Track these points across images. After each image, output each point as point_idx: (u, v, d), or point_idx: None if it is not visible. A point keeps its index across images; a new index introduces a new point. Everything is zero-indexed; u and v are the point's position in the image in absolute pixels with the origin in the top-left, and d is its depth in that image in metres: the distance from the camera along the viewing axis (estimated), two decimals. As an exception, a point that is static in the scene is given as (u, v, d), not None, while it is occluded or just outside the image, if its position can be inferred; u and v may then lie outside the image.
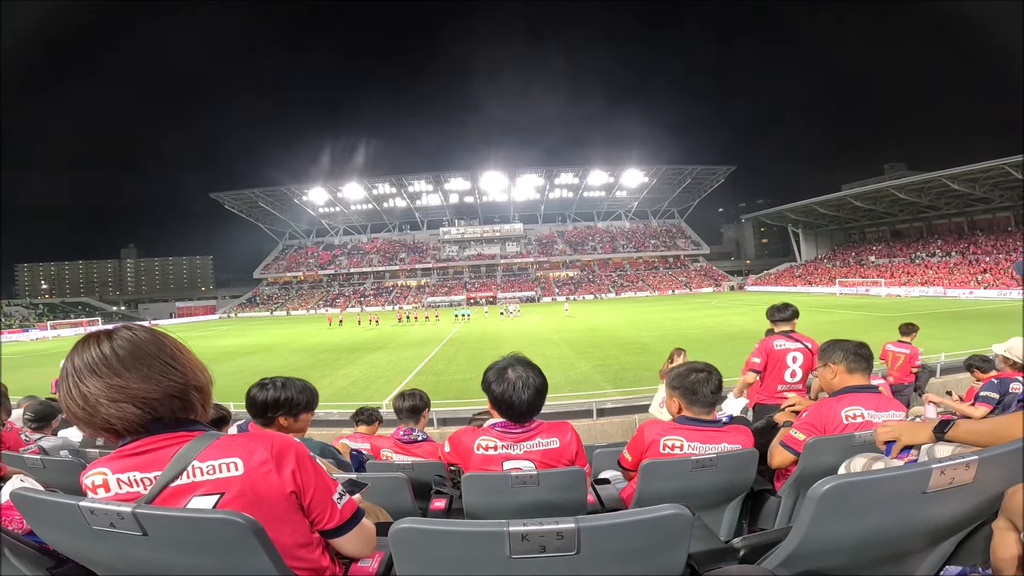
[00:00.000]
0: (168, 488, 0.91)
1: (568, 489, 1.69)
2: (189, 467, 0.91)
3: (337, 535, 1.04)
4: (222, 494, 0.90)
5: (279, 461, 0.93)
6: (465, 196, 73.20)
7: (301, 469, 0.96)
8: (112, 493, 0.93)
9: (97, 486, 0.94)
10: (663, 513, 0.88)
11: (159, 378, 0.92)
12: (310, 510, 0.99)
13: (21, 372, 19.13)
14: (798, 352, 3.61)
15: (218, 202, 67.10)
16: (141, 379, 0.90)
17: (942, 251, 46.22)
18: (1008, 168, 34.49)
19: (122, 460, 0.94)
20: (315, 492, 0.98)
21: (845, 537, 1.08)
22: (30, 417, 3.33)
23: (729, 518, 2.03)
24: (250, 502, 0.91)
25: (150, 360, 0.92)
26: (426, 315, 39.79)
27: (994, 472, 1.07)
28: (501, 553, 0.84)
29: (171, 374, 0.93)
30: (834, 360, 2.13)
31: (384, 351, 20.50)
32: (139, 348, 0.92)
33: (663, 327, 23.72)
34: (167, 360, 0.94)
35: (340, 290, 69.44)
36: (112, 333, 0.94)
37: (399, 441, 2.76)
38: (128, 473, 0.93)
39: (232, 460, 0.91)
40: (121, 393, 0.88)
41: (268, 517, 0.91)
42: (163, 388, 0.92)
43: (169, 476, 0.91)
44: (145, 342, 0.94)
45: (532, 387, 1.73)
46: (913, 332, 6.37)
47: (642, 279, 67.43)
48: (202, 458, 0.91)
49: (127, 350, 0.91)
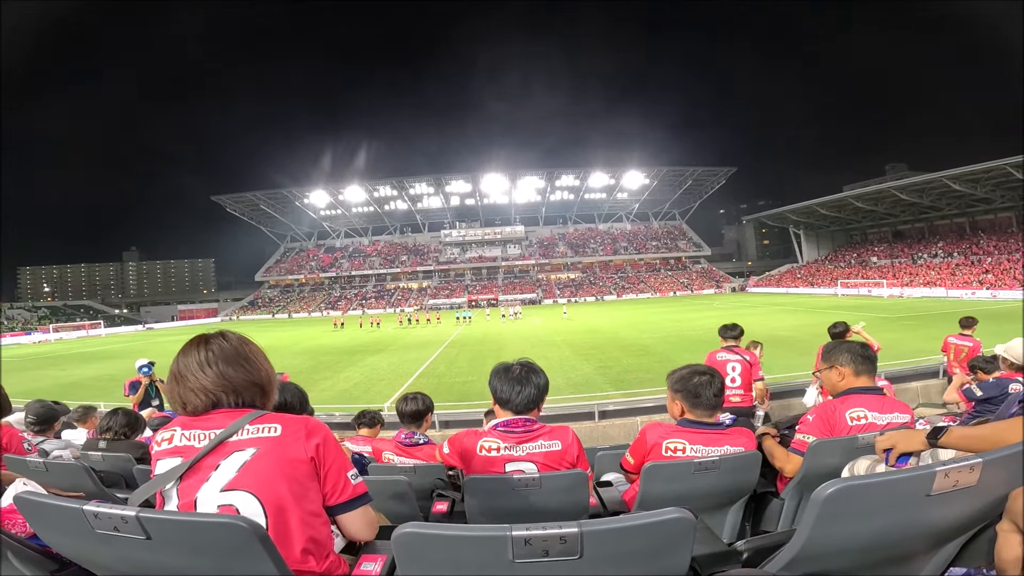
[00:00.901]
0: (223, 444, 1.09)
1: (570, 492, 1.69)
2: (242, 428, 1.10)
3: (345, 510, 1.17)
4: (258, 449, 1.08)
5: (310, 433, 1.12)
6: (466, 198, 73.21)
7: (325, 444, 1.14)
8: (173, 445, 1.12)
9: (163, 439, 1.14)
10: (666, 517, 0.88)
11: (232, 377, 1.16)
12: (325, 480, 1.14)
13: (23, 375, 19.18)
14: (737, 363, 4.64)
15: (219, 205, 67.21)
16: (217, 376, 1.15)
17: (944, 252, 46.10)
18: (1009, 168, 34.39)
19: (193, 423, 1.14)
20: (333, 465, 1.15)
21: (849, 540, 1.08)
22: (32, 420, 3.32)
23: (732, 521, 2.02)
24: (278, 460, 1.07)
25: (231, 363, 1.17)
26: (427, 317, 39.81)
27: (998, 474, 1.07)
28: (504, 557, 0.85)
29: (242, 374, 1.17)
30: (841, 362, 2.12)
31: (385, 353, 20.48)
32: (225, 353, 1.17)
33: (665, 329, 23.68)
34: (242, 364, 1.19)
35: (341, 292, 69.48)
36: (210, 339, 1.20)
37: (400, 444, 2.75)
38: (193, 430, 1.12)
39: (274, 425, 1.11)
40: (199, 384, 1.14)
41: (289, 477, 1.07)
42: (233, 384, 1.16)
43: (225, 434, 1.09)
44: (231, 348, 1.19)
45: (533, 382, 1.85)
46: (973, 325, 6.46)
47: (643, 281, 67.37)
48: (252, 423, 1.12)
49: (216, 354, 1.16)
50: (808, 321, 23.22)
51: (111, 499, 2.30)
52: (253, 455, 1.07)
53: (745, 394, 4.67)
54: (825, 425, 1.99)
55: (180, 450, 1.10)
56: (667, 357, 14.81)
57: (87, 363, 22.81)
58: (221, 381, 1.14)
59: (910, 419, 2.01)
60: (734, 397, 4.61)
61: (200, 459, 1.07)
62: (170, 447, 1.12)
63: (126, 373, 20.18)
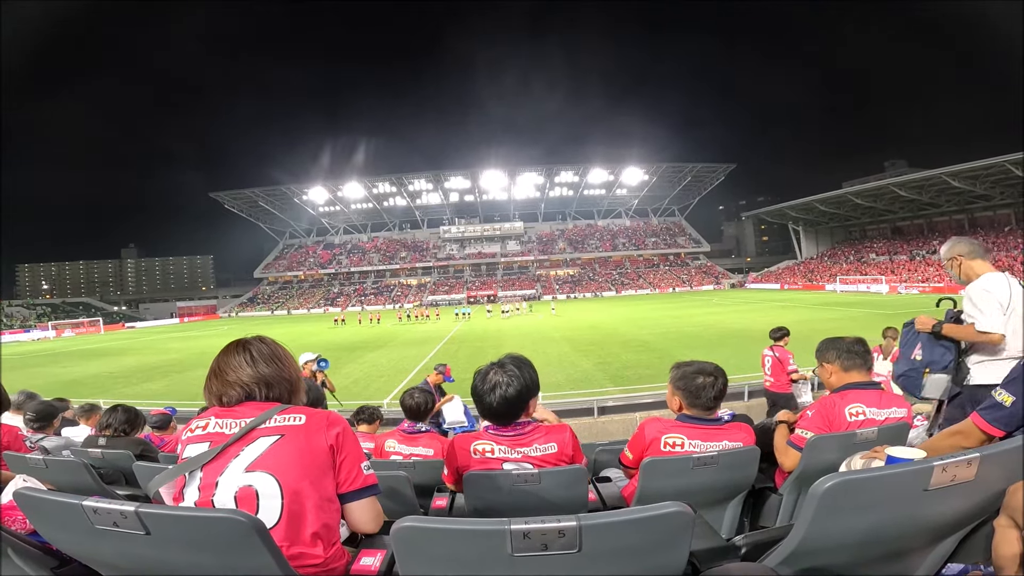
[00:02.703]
0: (252, 431, 1.15)
1: (569, 487, 1.69)
2: (271, 418, 1.18)
3: (355, 498, 1.23)
4: (282, 435, 1.15)
5: (331, 424, 1.21)
6: (465, 195, 73.06)
7: (345, 434, 1.22)
8: (207, 432, 1.19)
9: (198, 427, 1.21)
10: (664, 511, 0.88)
11: (266, 374, 1.27)
12: (341, 468, 1.20)
13: (22, 372, 19.18)
14: (769, 357, 6.32)
15: (218, 202, 67.08)
16: (255, 373, 1.26)
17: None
18: (1008, 165, 34.39)
19: (227, 413, 1.22)
20: (349, 455, 1.22)
21: (846, 535, 1.08)
22: (31, 417, 3.32)
23: (731, 516, 2.03)
24: (300, 446, 1.15)
25: (265, 362, 1.28)
26: (427, 314, 39.75)
27: (996, 469, 1.07)
28: (503, 551, 0.85)
29: (274, 372, 1.28)
30: (828, 359, 2.14)
31: (385, 350, 20.49)
32: (261, 354, 1.29)
33: (664, 325, 23.70)
34: (274, 363, 1.30)
35: (341, 289, 69.44)
36: (248, 343, 1.31)
37: (403, 432, 2.90)
38: (226, 419, 1.20)
39: (299, 415, 1.20)
40: (237, 377, 1.25)
41: (311, 463, 1.15)
42: (266, 379, 1.26)
43: (256, 422, 1.16)
44: (266, 349, 1.31)
45: (502, 395, 1.68)
46: None
47: (642, 277, 67.37)
48: (280, 413, 1.19)
49: (253, 356, 1.28)
50: (806, 317, 23.25)
51: (111, 495, 2.30)
52: (277, 440, 1.14)
53: (775, 381, 6.21)
54: (824, 420, 2.00)
55: (211, 436, 1.17)
56: (666, 353, 14.83)
57: (87, 360, 22.79)
58: (256, 375, 1.25)
59: (907, 413, 2.02)
60: (766, 382, 6.36)
61: (230, 445, 1.14)
62: (203, 433, 1.19)
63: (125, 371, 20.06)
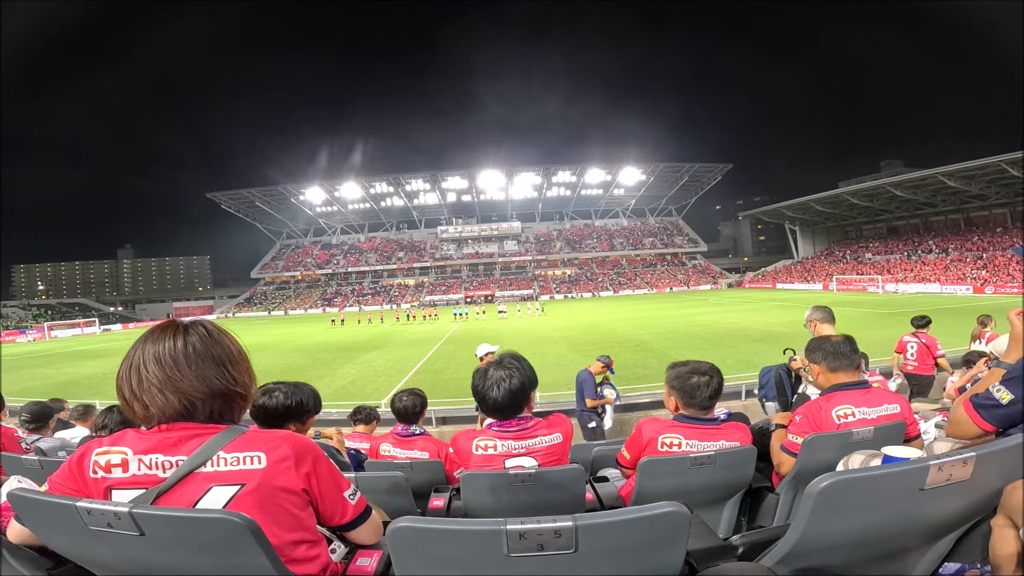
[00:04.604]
0: (192, 474, 0.93)
1: (567, 487, 1.69)
2: (215, 456, 0.94)
3: (350, 528, 1.14)
4: (243, 485, 0.94)
5: (299, 460, 0.98)
6: (463, 195, 72.93)
7: (316, 470, 1.02)
8: (130, 474, 0.95)
9: (113, 465, 0.95)
10: (661, 511, 0.87)
11: (212, 380, 0.98)
12: (321, 506, 1.05)
13: (20, 374, 19.06)
14: (916, 343, 6.50)
15: (215, 202, 66.76)
16: (196, 378, 0.96)
17: (938, 248, 46.29)
18: (1004, 165, 34.54)
19: (147, 441, 0.96)
20: (327, 491, 1.05)
21: (843, 534, 1.09)
22: (26, 419, 3.31)
23: (728, 515, 2.03)
24: (267, 495, 0.95)
25: (211, 362, 0.98)
26: (424, 314, 39.70)
27: (992, 468, 1.07)
28: (499, 552, 0.84)
29: (224, 378, 0.99)
30: (815, 360, 2.12)
31: (383, 350, 20.45)
32: (207, 349, 0.98)
33: (661, 324, 23.72)
34: (226, 365, 1.00)
35: (338, 289, 69.24)
36: (188, 328, 0.99)
37: (397, 436, 2.81)
38: (152, 455, 0.95)
39: (256, 454, 0.95)
40: (173, 386, 0.94)
41: (279, 511, 0.96)
42: (212, 389, 0.98)
43: (195, 463, 0.94)
44: (214, 344, 1.00)
45: (507, 388, 1.73)
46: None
47: (640, 276, 67.43)
48: (228, 449, 0.95)
49: (196, 349, 0.97)
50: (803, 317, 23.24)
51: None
52: (238, 492, 0.93)
53: (920, 365, 6.42)
54: (811, 425, 1.97)
55: (139, 480, 0.95)
56: (664, 353, 14.84)
57: (82, 361, 22.68)
58: (200, 385, 0.96)
59: (901, 410, 1.98)
60: (910, 367, 6.51)
61: (165, 492, 0.93)
62: (126, 477, 0.95)
63: (122, 370, 20.15)
